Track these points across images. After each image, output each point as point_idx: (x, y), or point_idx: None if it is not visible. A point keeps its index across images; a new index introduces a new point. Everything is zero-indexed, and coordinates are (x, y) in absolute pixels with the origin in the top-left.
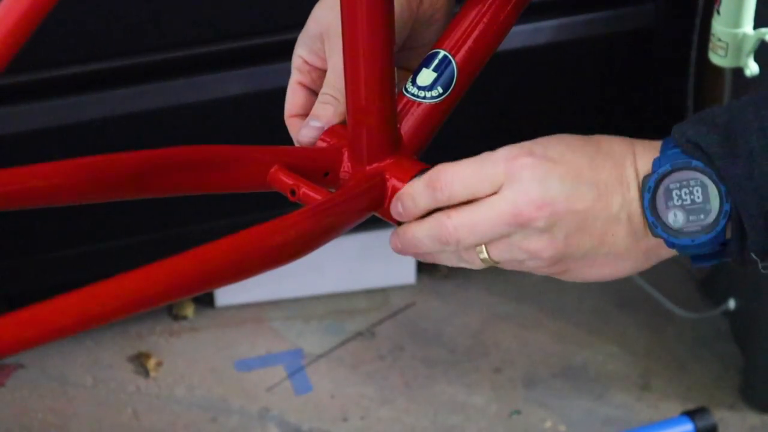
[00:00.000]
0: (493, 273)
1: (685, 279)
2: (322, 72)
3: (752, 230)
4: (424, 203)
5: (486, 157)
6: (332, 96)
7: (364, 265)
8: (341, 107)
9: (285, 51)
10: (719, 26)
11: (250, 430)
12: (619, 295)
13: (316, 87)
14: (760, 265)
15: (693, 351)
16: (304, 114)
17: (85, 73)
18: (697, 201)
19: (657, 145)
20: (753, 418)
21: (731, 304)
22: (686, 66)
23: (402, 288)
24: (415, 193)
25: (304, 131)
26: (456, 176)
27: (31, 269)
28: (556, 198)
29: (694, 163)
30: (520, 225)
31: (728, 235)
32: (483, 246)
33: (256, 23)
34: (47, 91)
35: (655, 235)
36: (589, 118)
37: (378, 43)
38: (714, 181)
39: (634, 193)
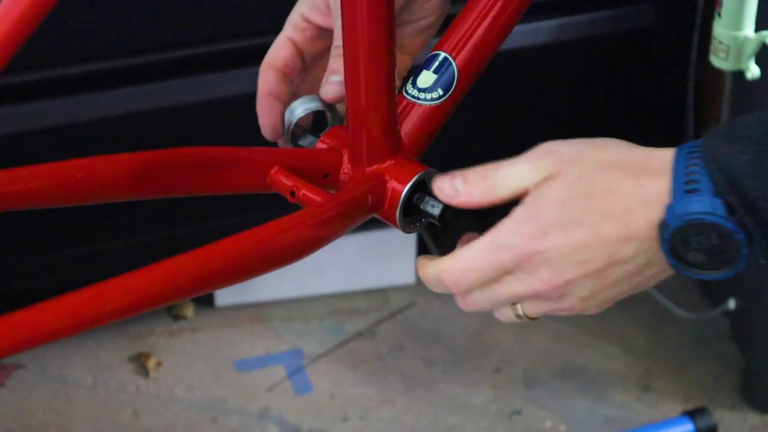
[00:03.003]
0: None
1: (685, 279)
2: (318, 31)
3: None
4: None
5: (495, 243)
6: None
7: (364, 265)
8: None
9: None
10: (720, 29)
11: (249, 430)
12: None
13: (306, 47)
14: None
15: (693, 351)
16: (284, 70)
17: (85, 73)
18: (715, 245)
19: (665, 167)
20: (753, 418)
21: (731, 304)
22: (686, 66)
23: (402, 288)
24: (434, 286)
25: (326, 88)
26: (464, 277)
27: (31, 269)
28: (569, 272)
29: (708, 219)
30: (541, 298)
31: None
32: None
33: (256, 23)
34: (47, 91)
35: (679, 272)
36: (589, 118)
37: (378, 44)
38: (731, 232)
39: (651, 243)
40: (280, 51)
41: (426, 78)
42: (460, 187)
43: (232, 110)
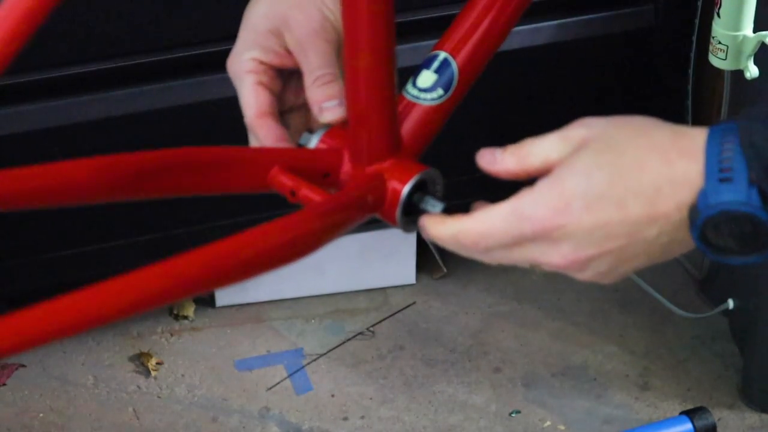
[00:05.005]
0: (493, 273)
1: (685, 279)
2: (276, 72)
3: None
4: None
5: (517, 210)
6: (331, 73)
7: (364, 265)
8: (342, 82)
9: None
10: (719, 29)
11: (250, 429)
12: (619, 295)
13: (273, 86)
14: None
15: (692, 351)
16: (273, 113)
17: (85, 73)
18: (747, 232)
19: (698, 148)
20: (752, 418)
21: (730, 303)
22: (686, 66)
23: (402, 288)
24: (448, 245)
25: (329, 113)
26: (482, 239)
27: (31, 269)
28: (589, 249)
29: (743, 209)
30: (559, 269)
31: None
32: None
33: None
34: (47, 91)
35: (706, 255)
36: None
37: (378, 44)
38: (764, 221)
39: (677, 224)
40: (260, 98)
41: (426, 78)
42: (498, 156)
43: (232, 110)
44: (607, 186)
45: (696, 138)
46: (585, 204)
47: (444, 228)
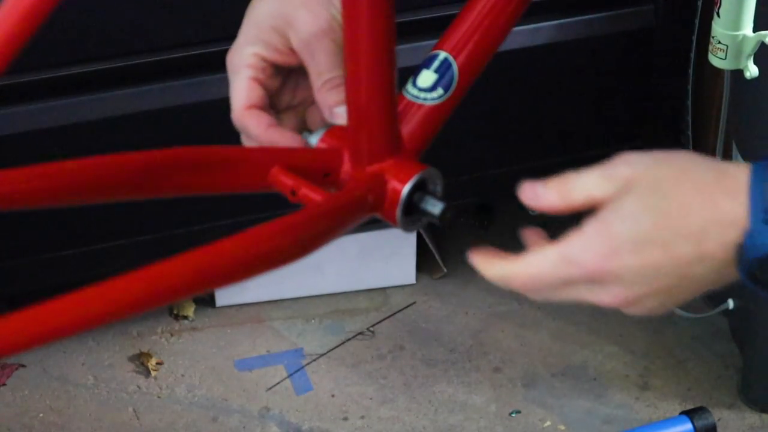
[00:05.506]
0: None
1: None
2: (275, 70)
3: None
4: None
5: (565, 256)
6: (341, 76)
7: (364, 265)
8: None
9: None
10: (719, 29)
11: (250, 429)
12: None
13: (269, 84)
14: None
15: (692, 351)
16: (262, 107)
17: (85, 73)
18: None
19: (741, 188)
20: (752, 418)
21: (730, 303)
22: (685, 67)
23: (402, 288)
24: (497, 284)
25: (341, 119)
26: (531, 283)
27: (31, 269)
28: (639, 289)
29: None
30: (609, 306)
31: None
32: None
33: None
34: (47, 91)
35: (756, 291)
36: (589, 118)
37: (379, 44)
38: None
39: (724, 262)
40: (251, 92)
41: (426, 77)
42: (541, 191)
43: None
44: (654, 229)
45: (739, 177)
46: (633, 248)
47: (493, 269)
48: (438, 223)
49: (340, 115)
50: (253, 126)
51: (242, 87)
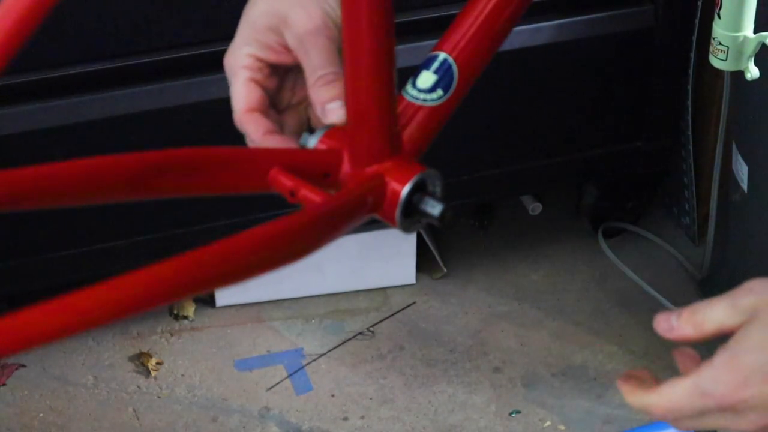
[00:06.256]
0: (493, 273)
1: (685, 279)
2: (271, 70)
3: None
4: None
5: (699, 388)
6: (334, 72)
7: (364, 265)
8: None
9: None
10: (720, 30)
11: (250, 429)
12: (619, 295)
13: (268, 84)
14: None
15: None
16: (263, 110)
17: (85, 73)
18: None
19: None
20: None
21: None
22: (685, 67)
23: (402, 288)
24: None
25: (333, 115)
26: (669, 414)
27: (31, 269)
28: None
29: None
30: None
31: None
32: None
33: None
34: (47, 91)
35: None
36: (588, 118)
37: (379, 44)
38: None
39: None
40: (251, 94)
41: (426, 78)
42: (674, 322)
43: (231, 110)
44: None
45: None
46: (762, 377)
47: (635, 399)
48: (437, 224)
49: (332, 111)
50: (251, 131)
51: (240, 89)
